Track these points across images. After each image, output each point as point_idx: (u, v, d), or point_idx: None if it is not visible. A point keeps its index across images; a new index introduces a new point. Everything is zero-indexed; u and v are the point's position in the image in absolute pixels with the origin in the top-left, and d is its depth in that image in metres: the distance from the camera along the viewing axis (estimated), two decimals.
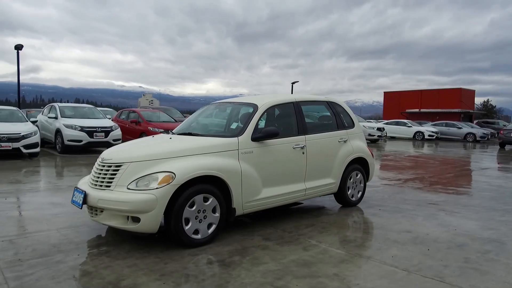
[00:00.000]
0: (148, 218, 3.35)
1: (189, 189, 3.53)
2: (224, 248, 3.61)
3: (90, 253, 3.43)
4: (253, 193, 4.06)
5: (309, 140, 4.71)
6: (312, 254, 3.48)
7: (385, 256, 3.44)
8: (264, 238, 3.92)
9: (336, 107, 5.39)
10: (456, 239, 3.98)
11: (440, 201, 5.90)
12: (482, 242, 3.88)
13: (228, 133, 4.29)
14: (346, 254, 3.48)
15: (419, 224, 4.52)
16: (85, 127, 10.84)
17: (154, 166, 3.54)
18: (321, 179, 4.89)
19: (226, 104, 4.97)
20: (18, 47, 15.98)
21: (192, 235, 3.59)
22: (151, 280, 2.88)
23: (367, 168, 5.64)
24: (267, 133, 4.16)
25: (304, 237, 3.99)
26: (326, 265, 3.22)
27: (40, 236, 3.84)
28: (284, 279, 2.92)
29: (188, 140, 4.08)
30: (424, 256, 3.45)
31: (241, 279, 2.90)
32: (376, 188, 6.84)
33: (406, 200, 5.91)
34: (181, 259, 3.30)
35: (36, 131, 9.83)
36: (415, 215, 4.95)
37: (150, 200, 3.33)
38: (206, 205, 3.66)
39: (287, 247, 3.66)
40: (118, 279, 2.87)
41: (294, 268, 3.14)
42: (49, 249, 3.48)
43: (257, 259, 3.33)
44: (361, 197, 5.56)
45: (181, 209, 3.47)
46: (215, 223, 3.75)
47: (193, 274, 2.99)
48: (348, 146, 5.25)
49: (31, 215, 4.65)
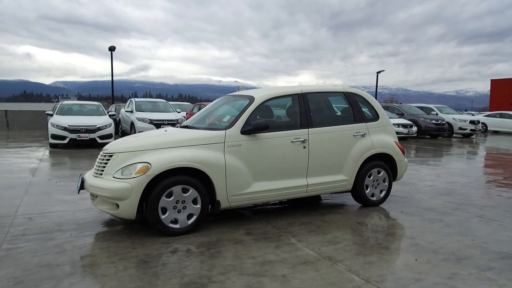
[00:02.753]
0: (125, 205, 3.58)
1: (166, 180, 3.66)
2: (199, 239, 3.67)
3: (80, 233, 3.80)
4: (241, 187, 4.02)
5: (313, 134, 4.46)
6: (279, 252, 3.33)
7: (357, 263, 3.12)
8: (246, 233, 3.87)
9: (355, 98, 4.98)
10: (463, 251, 3.40)
11: (487, 205, 5.06)
12: (493, 257, 3.25)
13: (220, 126, 4.31)
14: (315, 257, 3.25)
15: (432, 231, 3.97)
16: (154, 120, 11.82)
17: (137, 157, 3.75)
18: (329, 175, 4.59)
19: (232, 97, 4.97)
20: (112, 48, 18.05)
21: (170, 224, 3.72)
22: (108, 262, 3.09)
23: (394, 166, 5.11)
24: (256, 126, 4.07)
25: (288, 234, 3.82)
26: (283, 265, 3.06)
27: (55, 215, 4.37)
28: (227, 274, 2.87)
29: (180, 133, 4.20)
30: (403, 267, 3.04)
31: (186, 270, 2.93)
32: (421, 189, 6.15)
33: (445, 202, 5.21)
34: (151, 246, 3.46)
35: (111, 123, 11.04)
36: (438, 220, 4.35)
37: (126, 188, 3.55)
38: (185, 196, 3.75)
39: (261, 243, 3.57)
40: (81, 257, 3.15)
41: (248, 265, 3.06)
42: (52, 228, 3.95)
43: (219, 252, 3.32)
44: (384, 197, 5.07)
45: (156, 198, 3.62)
46: (195, 214, 3.83)
47: (147, 261, 3.12)
48: (367, 141, 4.82)
49: (67, 198, 5.28)
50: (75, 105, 12.18)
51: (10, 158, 8.62)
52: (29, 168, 7.39)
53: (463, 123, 17.70)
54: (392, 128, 5.22)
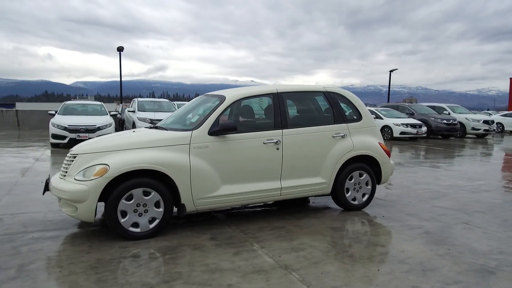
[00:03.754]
0: (82, 207, 3.50)
1: (126, 183, 3.56)
2: (159, 243, 3.56)
3: (43, 235, 3.74)
4: (208, 190, 3.89)
5: (288, 135, 4.29)
6: (236, 260, 3.18)
7: (314, 272, 2.94)
8: (211, 238, 3.74)
9: (336, 97, 4.77)
10: (433, 261, 3.18)
11: (478, 211, 4.77)
12: (464, 269, 3.02)
13: (187, 126, 4.18)
14: (272, 265, 3.09)
15: (407, 238, 3.75)
16: (154, 120, 11.81)
17: (98, 159, 3.66)
18: (305, 178, 4.42)
19: (206, 97, 4.83)
20: (120, 48, 18.22)
21: (130, 228, 3.62)
22: (55, 266, 3.01)
23: (379, 169, 4.88)
24: (223, 127, 3.94)
25: (254, 240, 3.67)
26: (234, 274, 2.91)
27: (26, 216, 4.33)
28: (171, 283, 2.75)
29: (146, 134, 4.09)
30: (360, 278, 2.85)
31: (131, 277, 2.82)
32: (413, 192, 5.89)
33: (433, 207, 4.95)
34: (107, 250, 3.37)
35: (111, 123, 11.10)
36: (417, 227, 4.12)
37: (83, 190, 3.47)
38: (146, 199, 3.65)
39: (221, 249, 3.43)
40: (31, 261, 3.08)
41: (198, 273, 2.92)
42: (18, 229, 3.91)
43: (174, 259, 3.20)
44: (367, 201, 4.85)
45: (115, 201, 3.53)
46: (158, 218, 3.72)
47: (96, 266, 3.02)
48: (347, 142, 4.62)
49: (47, 199, 5.24)
50: (78, 105, 12.31)
51: (7, 158, 8.75)
52: (22, 167, 7.45)
53: (476, 123, 17.10)
54: (377, 129, 4.99)
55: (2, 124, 17.38)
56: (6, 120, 17.41)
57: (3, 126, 17.43)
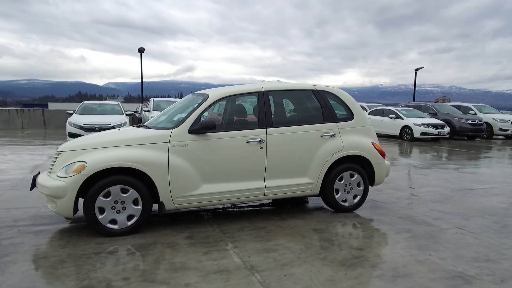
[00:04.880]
0: (61, 203, 3.58)
1: (103, 180, 3.62)
2: (135, 240, 3.59)
3: (28, 230, 3.86)
4: (187, 188, 3.89)
5: (272, 134, 4.23)
6: (204, 259, 3.16)
7: (277, 274, 2.87)
8: (187, 236, 3.73)
9: (326, 96, 4.65)
10: (409, 267, 3.03)
11: (477, 215, 4.51)
12: (438, 277, 2.85)
13: (169, 125, 4.19)
14: (238, 265, 3.04)
15: (389, 242, 3.59)
16: None
17: (78, 156, 3.73)
18: (291, 178, 4.33)
19: (192, 95, 4.81)
20: (141, 50, 18.64)
21: (108, 224, 3.67)
22: (27, 260, 3.09)
23: (372, 170, 4.72)
24: (203, 126, 3.92)
25: (229, 240, 3.63)
26: (196, 273, 2.88)
27: (20, 211, 4.49)
28: (129, 279, 2.76)
29: (128, 132, 4.12)
30: (324, 282, 2.75)
31: (93, 273, 2.85)
32: (416, 195, 5.66)
33: (430, 211, 4.73)
34: (82, 246, 3.43)
35: (126, 122, 11.37)
36: (406, 231, 3.94)
37: (61, 187, 3.55)
38: (124, 196, 3.69)
39: (193, 248, 3.41)
40: (6, 254, 3.17)
41: (161, 271, 2.92)
42: (7, 223, 4.05)
43: (143, 256, 3.21)
44: (359, 203, 4.70)
45: (92, 198, 3.59)
46: (136, 215, 3.75)
47: (65, 261, 3.08)
48: (336, 142, 4.49)
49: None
50: (95, 105, 12.69)
51: (24, 155, 9.12)
52: (33, 165, 7.75)
53: (504, 123, 16.27)
54: (371, 129, 4.82)
55: (29, 123, 18.21)
56: (33, 119, 18.22)
57: (31, 126, 18.25)
